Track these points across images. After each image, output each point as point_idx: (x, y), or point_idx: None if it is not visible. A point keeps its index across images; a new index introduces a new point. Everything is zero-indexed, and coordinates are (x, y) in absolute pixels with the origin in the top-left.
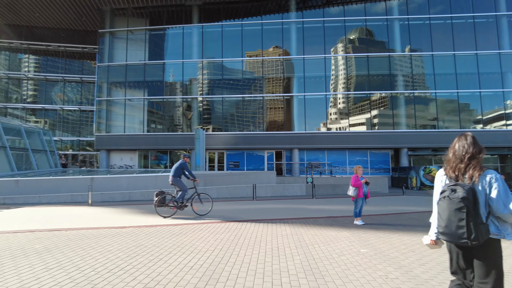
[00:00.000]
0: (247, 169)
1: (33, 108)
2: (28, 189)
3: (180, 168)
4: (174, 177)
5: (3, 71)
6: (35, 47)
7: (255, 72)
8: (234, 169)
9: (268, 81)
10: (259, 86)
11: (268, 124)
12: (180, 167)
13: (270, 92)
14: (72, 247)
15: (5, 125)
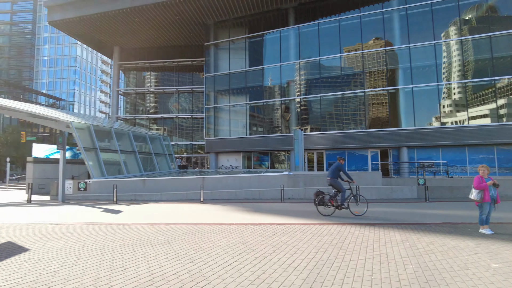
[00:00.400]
0: (348, 170)
1: (155, 117)
2: (152, 187)
3: (337, 169)
4: (332, 178)
5: (132, 88)
6: (154, 64)
7: (354, 67)
8: None
9: (369, 76)
10: (359, 82)
11: (370, 121)
12: (337, 168)
13: (372, 86)
14: (188, 241)
15: (134, 133)
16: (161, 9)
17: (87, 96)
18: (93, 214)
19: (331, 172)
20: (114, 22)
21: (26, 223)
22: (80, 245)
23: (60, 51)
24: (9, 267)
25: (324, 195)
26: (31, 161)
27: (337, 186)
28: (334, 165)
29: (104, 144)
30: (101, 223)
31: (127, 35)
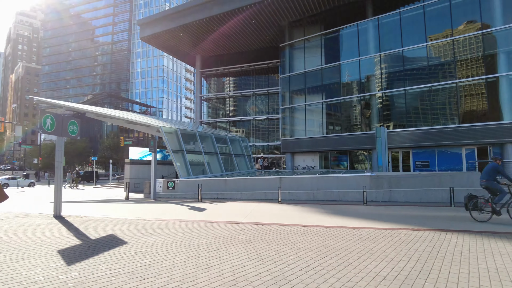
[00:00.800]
0: (438, 170)
1: (233, 120)
2: (232, 186)
3: (494, 170)
4: (488, 180)
5: (212, 93)
6: (232, 69)
7: (443, 56)
8: (422, 170)
9: (461, 64)
10: (448, 72)
11: (463, 115)
12: (493, 169)
13: (465, 76)
14: (268, 241)
15: (216, 136)
16: (237, 15)
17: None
18: (180, 211)
19: (486, 174)
20: (195, 33)
21: (124, 218)
22: (169, 241)
23: (150, 63)
24: (112, 257)
25: (478, 199)
26: (128, 162)
27: (494, 188)
28: (490, 166)
29: (189, 146)
30: (188, 220)
31: (207, 44)
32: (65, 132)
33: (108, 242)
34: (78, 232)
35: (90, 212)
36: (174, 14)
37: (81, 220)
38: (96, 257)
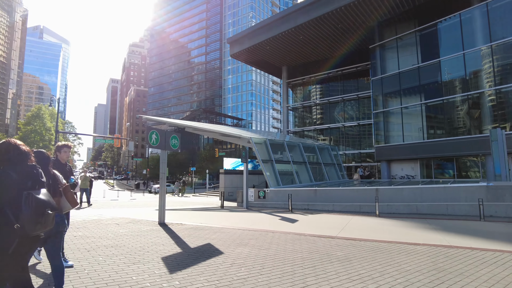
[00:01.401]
0: None
1: (321, 128)
2: (323, 197)
3: None
4: None
5: (299, 102)
6: (319, 77)
7: None
8: None
9: None
10: None
11: None
12: None
13: None
14: (369, 260)
15: (304, 145)
16: (323, 22)
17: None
18: (272, 222)
19: None
20: (281, 44)
21: (220, 226)
22: (263, 253)
23: (240, 79)
24: (209, 268)
25: None
26: (222, 172)
27: None
28: None
29: (278, 156)
30: (280, 231)
31: (293, 54)
32: (167, 146)
33: (205, 251)
34: (179, 240)
35: (189, 220)
36: (260, 29)
37: (182, 228)
38: (194, 266)
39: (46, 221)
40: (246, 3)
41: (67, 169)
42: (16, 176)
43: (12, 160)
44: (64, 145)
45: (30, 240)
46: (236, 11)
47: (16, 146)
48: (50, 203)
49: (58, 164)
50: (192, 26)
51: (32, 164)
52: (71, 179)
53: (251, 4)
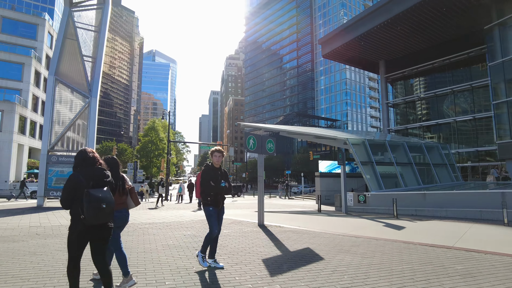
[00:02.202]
0: None
1: (427, 125)
2: (433, 202)
3: None
4: None
5: (400, 98)
6: (422, 68)
7: None
8: None
9: None
10: None
11: None
12: None
13: None
14: (501, 278)
15: (408, 144)
16: (423, 8)
17: (358, 113)
18: (375, 228)
19: None
20: (376, 38)
21: (318, 231)
22: (367, 262)
23: (333, 79)
24: (310, 274)
25: None
26: (317, 175)
27: None
28: None
29: (378, 157)
30: (384, 239)
31: (390, 46)
32: (264, 150)
33: (305, 256)
34: (278, 243)
35: (287, 223)
36: (352, 26)
37: (280, 230)
38: (295, 271)
39: (103, 214)
40: (336, 1)
41: (220, 173)
42: (82, 177)
43: (82, 164)
44: (215, 150)
45: (94, 229)
46: (326, 11)
47: (85, 153)
48: (106, 199)
49: (212, 168)
50: (283, 32)
51: (98, 167)
52: (222, 183)
53: (342, 2)
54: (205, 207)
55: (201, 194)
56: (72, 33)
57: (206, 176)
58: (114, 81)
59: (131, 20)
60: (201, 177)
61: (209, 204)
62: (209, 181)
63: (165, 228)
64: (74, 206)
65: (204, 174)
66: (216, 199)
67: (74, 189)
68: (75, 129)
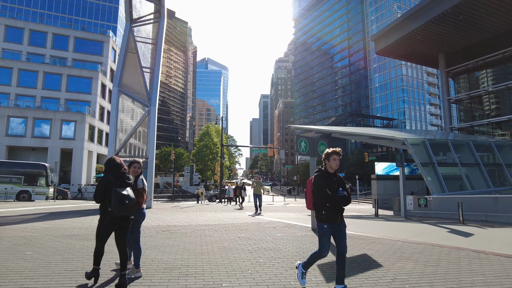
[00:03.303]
0: None
1: (498, 121)
2: (507, 207)
3: None
4: None
5: (464, 93)
6: (489, 59)
7: None
8: None
9: None
10: None
11: None
12: None
13: None
14: None
15: (475, 143)
16: None
17: (416, 111)
18: (438, 234)
19: None
20: (435, 30)
21: (376, 236)
22: (430, 271)
23: (388, 76)
24: (368, 281)
25: None
26: (374, 178)
27: None
28: None
29: (440, 157)
30: (450, 246)
31: (451, 38)
32: (316, 153)
33: (362, 262)
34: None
35: None
36: (407, 19)
37: None
38: (352, 277)
39: (126, 208)
40: None
41: (336, 179)
42: (111, 178)
43: (111, 169)
44: (334, 151)
45: (118, 220)
46: (378, 6)
47: (113, 160)
48: (129, 196)
49: (326, 173)
50: (333, 31)
51: (123, 171)
52: (340, 191)
53: None
54: (319, 223)
55: (314, 206)
56: (132, 47)
57: (321, 184)
58: (170, 89)
59: (184, 31)
60: (313, 184)
61: (324, 219)
62: (324, 189)
63: (220, 230)
64: (104, 201)
65: (318, 180)
66: (332, 213)
67: (105, 187)
68: (137, 136)
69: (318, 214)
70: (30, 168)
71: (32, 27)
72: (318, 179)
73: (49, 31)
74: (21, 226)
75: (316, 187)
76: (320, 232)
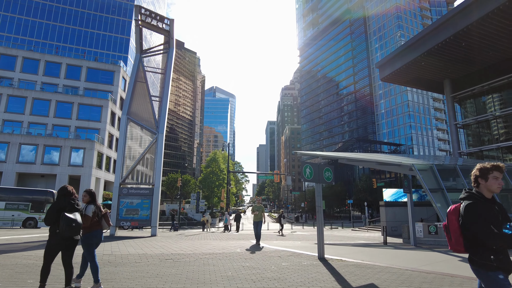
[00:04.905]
0: None
1: (508, 145)
2: None
3: None
4: None
5: (471, 118)
6: (494, 84)
7: None
8: None
9: None
10: None
11: None
12: None
13: None
14: None
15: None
16: (492, 20)
17: (424, 137)
18: (449, 264)
19: None
20: (439, 56)
21: (384, 265)
22: None
23: (394, 102)
24: None
25: None
26: (382, 205)
27: None
28: None
29: (449, 183)
30: (462, 276)
31: (455, 64)
32: (321, 179)
33: None
34: (339, 278)
35: (349, 256)
36: (411, 46)
37: (342, 264)
38: None
39: (73, 230)
40: (392, 23)
41: (498, 209)
42: (63, 204)
43: (64, 195)
44: (494, 166)
45: (65, 241)
46: (382, 34)
47: (66, 188)
48: (76, 220)
49: (486, 201)
50: (338, 59)
51: (72, 198)
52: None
53: (398, 24)
54: (489, 273)
55: (471, 247)
56: (141, 77)
57: (486, 217)
58: (179, 117)
59: (193, 61)
60: (470, 216)
61: (497, 267)
62: (489, 225)
63: (224, 259)
64: (54, 224)
65: (479, 210)
66: (506, 257)
67: (57, 212)
68: (144, 162)
69: (483, 259)
70: (38, 195)
71: (48, 59)
72: (477, 208)
73: (63, 62)
74: (24, 253)
75: (481, 221)
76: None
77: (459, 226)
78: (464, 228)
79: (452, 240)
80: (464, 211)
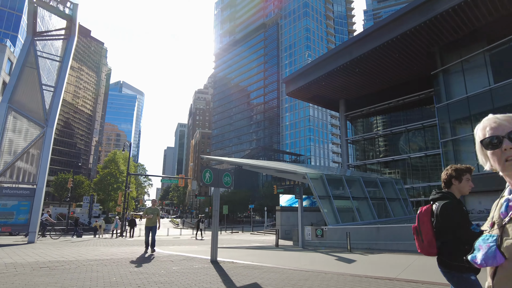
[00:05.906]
0: None
1: (385, 161)
2: (386, 235)
3: None
4: None
5: (359, 135)
6: (379, 108)
7: None
8: None
9: None
10: None
11: None
12: None
13: None
14: None
15: (365, 179)
16: (379, 53)
17: (320, 149)
18: (327, 262)
19: None
20: (337, 78)
21: (271, 266)
22: None
23: (297, 116)
24: None
25: None
26: (278, 209)
27: None
28: None
29: (337, 191)
30: (333, 272)
31: (350, 86)
32: (220, 183)
33: None
34: (226, 279)
35: (241, 259)
36: (314, 66)
37: (232, 266)
38: None
39: None
40: (302, 43)
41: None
42: None
43: None
44: (468, 168)
45: None
46: (292, 52)
47: None
48: None
49: (460, 202)
50: (251, 70)
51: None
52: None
53: (307, 44)
54: (463, 274)
55: (444, 249)
56: (32, 62)
57: (463, 216)
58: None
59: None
60: (453, 216)
61: (470, 268)
62: (468, 225)
63: (111, 265)
64: None
65: (460, 210)
66: None
67: None
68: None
69: (457, 261)
70: None
71: None
72: (457, 208)
73: None
74: None
75: (462, 221)
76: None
77: (432, 227)
78: (439, 229)
79: (425, 242)
80: (441, 211)
